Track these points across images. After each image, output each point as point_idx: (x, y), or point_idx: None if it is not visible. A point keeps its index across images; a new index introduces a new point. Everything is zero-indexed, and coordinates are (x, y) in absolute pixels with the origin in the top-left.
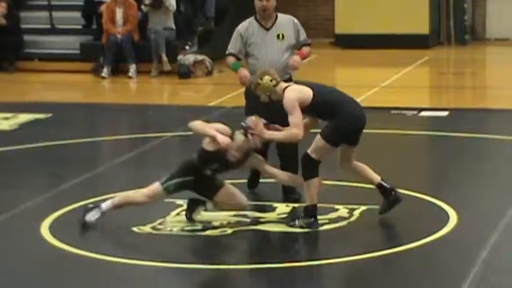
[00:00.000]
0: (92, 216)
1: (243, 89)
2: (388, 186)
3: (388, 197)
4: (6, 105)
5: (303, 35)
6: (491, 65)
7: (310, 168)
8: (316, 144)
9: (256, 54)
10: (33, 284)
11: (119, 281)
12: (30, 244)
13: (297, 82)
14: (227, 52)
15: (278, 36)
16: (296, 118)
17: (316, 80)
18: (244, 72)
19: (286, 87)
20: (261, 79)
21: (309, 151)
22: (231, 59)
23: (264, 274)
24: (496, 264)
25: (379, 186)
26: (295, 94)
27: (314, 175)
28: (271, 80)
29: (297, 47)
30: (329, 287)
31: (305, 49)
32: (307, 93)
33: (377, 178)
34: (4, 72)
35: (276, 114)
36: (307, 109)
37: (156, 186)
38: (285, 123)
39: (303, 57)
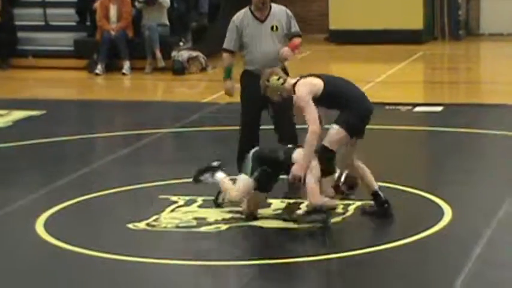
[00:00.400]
0: (205, 178)
1: (238, 85)
2: (382, 198)
3: (379, 208)
4: (0, 102)
5: (294, 26)
6: (485, 60)
7: (329, 161)
8: (332, 135)
9: (251, 46)
10: (29, 281)
11: (114, 278)
12: (25, 241)
13: (302, 76)
14: (223, 47)
15: (272, 28)
16: (311, 114)
17: None
18: (229, 85)
19: (296, 82)
20: (268, 80)
21: (325, 143)
22: (225, 58)
23: (259, 270)
24: (490, 259)
25: (374, 195)
26: (307, 89)
27: (332, 171)
28: (278, 79)
29: (289, 37)
30: (325, 283)
31: (296, 40)
32: (318, 84)
33: (374, 186)
34: None
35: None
36: (318, 100)
37: (247, 184)
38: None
39: (294, 48)
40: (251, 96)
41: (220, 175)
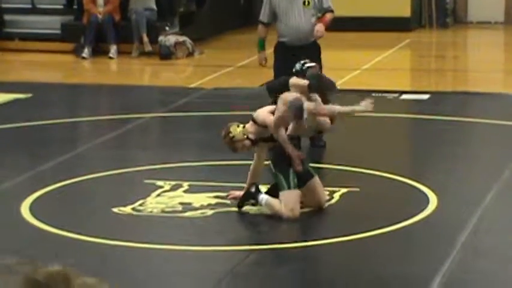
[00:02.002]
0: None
1: (225, 71)
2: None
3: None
4: None
5: (326, 2)
6: (472, 49)
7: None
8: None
9: (284, 19)
10: None
11: (100, 262)
12: (10, 224)
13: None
14: (259, 19)
15: (304, 2)
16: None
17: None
18: (262, 56)
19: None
20: (230, 132)
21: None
22: (259, 29)
23: (245, 256)
24: (475, 248)
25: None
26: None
27: None
28: (237, 126)
29: (321, 12)
30: (309, 269)
31: (328, 16)
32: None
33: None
34: None
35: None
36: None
37: (291, 195)
38: None
39: (326, 25)
40: (283, 66)
41: (263, 198)
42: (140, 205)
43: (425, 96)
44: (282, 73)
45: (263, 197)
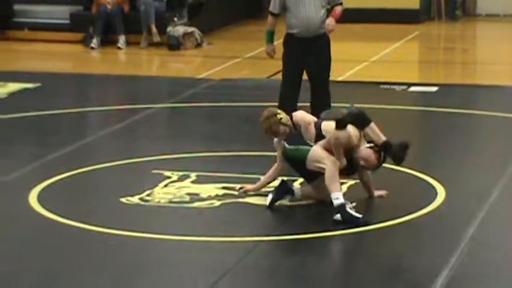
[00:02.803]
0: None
1: (233, 62)
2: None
3: None
4: None
5: None
6: (481, 41)
7: None
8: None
9: (294, 12)
10: (22, 253)
11: (106, 252)
12: (18, 213)
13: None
14: (269, 10)
15: None
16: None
17: None
18: (270, 47)
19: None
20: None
21: None
22: (269, 20)
23: (253, 246)
24: (483, 240)
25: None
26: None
27: None
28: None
29: (330, 4)
30: (317, 261)
31: (338, 9)
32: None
33: None
34: None
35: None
36: None
37: (319, 150)
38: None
39: (337, 18)
40: (292, 58)
41: (298, 189)
42: (148, 195)
43: (434, 89)
44: (291, 65)
45: (297, 189)
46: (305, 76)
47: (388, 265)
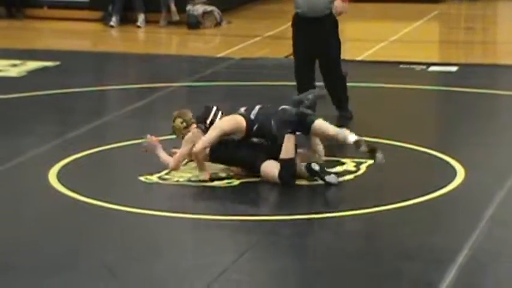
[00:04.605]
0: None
1: (252, 41)
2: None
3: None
4: (15, 52)
5: None
6: (502, 21)
7: None
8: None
9: None
10: (41, 230)
11: (125, 230)
12: (37, 191)
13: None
14: None
15: None
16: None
17: None
18: None
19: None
20: (173, 121)
21: None
22: None
23: (271, 226)
24: (502, 220)
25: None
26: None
27: None
28: (181, 122)
29: None
30: (335, 240)
31: None
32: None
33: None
34: (13, 19)
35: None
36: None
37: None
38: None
39: (344, 0)
40: (300, 38)
41: (333, 177)
42: (167, 174)
43: (454, 69)
44: (299, 45)
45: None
46: None
47: (407, 244)
